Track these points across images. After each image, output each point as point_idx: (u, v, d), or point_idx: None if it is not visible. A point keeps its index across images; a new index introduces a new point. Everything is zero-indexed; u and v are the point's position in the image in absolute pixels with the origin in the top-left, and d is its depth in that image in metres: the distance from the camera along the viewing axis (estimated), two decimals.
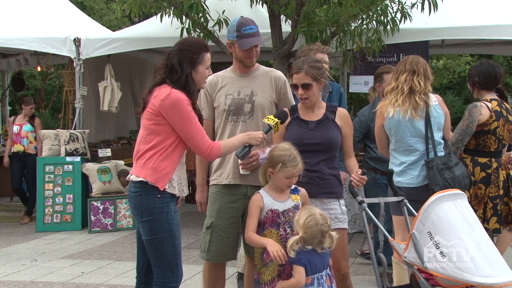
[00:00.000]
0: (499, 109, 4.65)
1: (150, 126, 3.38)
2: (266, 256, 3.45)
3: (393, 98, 4.21)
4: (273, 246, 3.38)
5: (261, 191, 3.60)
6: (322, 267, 3.38)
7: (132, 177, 3.41)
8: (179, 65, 3.38)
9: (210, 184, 3.99)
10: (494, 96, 4.74)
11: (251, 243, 3.56)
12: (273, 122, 3.62)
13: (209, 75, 3.58)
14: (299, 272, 3.31)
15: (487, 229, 4.51)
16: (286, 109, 3.81)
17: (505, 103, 4.78)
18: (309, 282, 3.33)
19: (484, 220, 4.56)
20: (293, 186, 3.60)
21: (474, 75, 4.77)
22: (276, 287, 3.42)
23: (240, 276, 5.08)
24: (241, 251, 4.29)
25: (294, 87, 3.77)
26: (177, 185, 3.42)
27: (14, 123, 8.98)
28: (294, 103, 4.00)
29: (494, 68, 4.72)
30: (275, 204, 3.53)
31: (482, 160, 4.65)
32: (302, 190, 3.63)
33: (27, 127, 8.90)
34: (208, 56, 3.48)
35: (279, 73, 4.03)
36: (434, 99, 4.23)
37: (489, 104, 4.64)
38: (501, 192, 4.65)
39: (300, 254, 3.31)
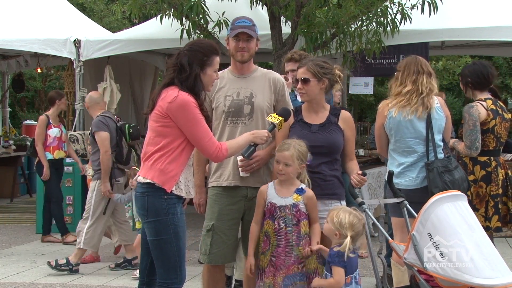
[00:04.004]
0: (494, 108, 4.68)
1: (158, 128, 3.39)
2: (264, 245, 3.62)
3: (403, 98, 4.11)
4: (248, 263, 3.69)
5: (270, 183, 3.72)
6: (356, 266, 3.43)
7: (139, 178, 3.43)
8: (188, 65, 3.38)
9: (209, 186, 3.97)
10: (487, 95, 4.76)
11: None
12: (277, 120, 3.62)
13: (216, 79, 3.58)
14: (339, 273, 3.34)
15: (489, 228, 4.53)
16: (289, 108, 3.82)
17: (499, 101, 4.79)
18: (348, 281, 3.36)
19: (486, 219, 4.57)
20: (300, 186, 3.64)
21: (467, 75, 4.78)
22: (313, 283, 3.48)
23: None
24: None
25: (296, 81, 3.80)
26: (184, 187, 3.42)
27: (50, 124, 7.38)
28: (292, 106, 4.01)
29: (486, 68, 4.73)
30: (275, 197, 3.64)
31: (482, 158, 4.66)
32: (309, 192, 3.64)
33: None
34: (217, 59, 3.48)
35: (277, 75, 4.03)
36: (437, 101, 4.20)
37: (484, 103, 4.66)
38: (500, 191, 4.66)
39: (340, 256, 3.32)
